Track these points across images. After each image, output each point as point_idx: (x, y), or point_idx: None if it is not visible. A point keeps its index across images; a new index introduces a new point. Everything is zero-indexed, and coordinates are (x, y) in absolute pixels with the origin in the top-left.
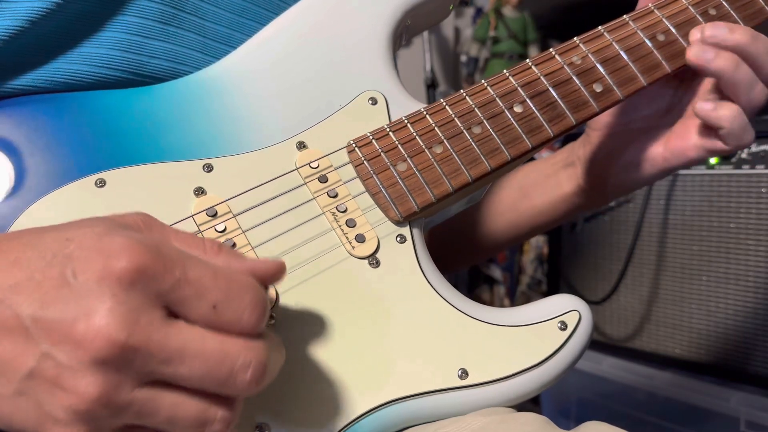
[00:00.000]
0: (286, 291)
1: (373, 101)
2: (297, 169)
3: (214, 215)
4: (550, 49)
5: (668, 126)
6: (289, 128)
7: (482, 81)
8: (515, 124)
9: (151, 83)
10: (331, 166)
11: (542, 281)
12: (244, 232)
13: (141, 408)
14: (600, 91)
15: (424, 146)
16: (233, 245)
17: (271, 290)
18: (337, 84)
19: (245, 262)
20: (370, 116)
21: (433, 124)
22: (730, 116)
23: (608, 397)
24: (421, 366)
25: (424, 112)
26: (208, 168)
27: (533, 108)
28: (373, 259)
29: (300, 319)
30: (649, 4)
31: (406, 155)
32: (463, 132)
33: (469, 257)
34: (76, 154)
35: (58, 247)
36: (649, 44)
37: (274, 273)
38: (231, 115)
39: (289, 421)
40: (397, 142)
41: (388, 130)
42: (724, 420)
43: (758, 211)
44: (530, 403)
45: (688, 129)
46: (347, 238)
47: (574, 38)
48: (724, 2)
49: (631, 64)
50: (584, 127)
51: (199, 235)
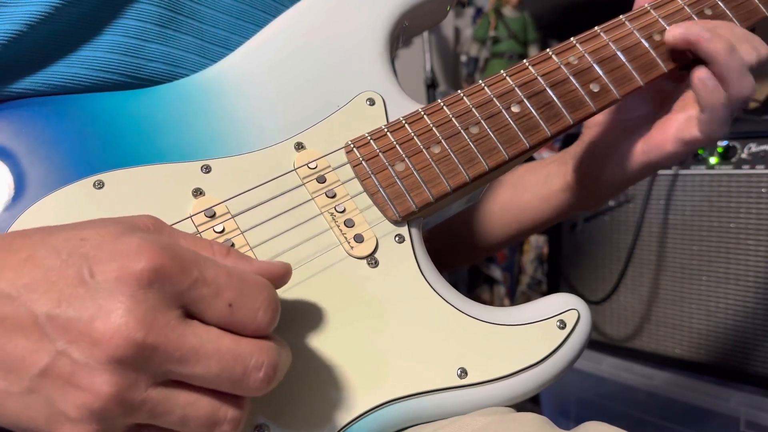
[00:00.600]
0: (285, 291)
1: (371, 102)
2: (295, 170)
3: (213, 216)
4: (547, 50)
5: (655, 120)
6: (287, 129)
7: (479, 81)
8: (513, 124)
9: (148, 86)
10: (329, 167)
11: (542, 281)
12: (243, 233)
13: (154, 407)
14: (597, 91)
15: (422, 146)
16: (232, 245)
17: None
18: (335, 85)
19: (253, 265)
20: (368, 117)
21: (431, 125)
22: (719, 104)
23: (608, 397)
24: (420, 365)
25: (422, 113)
26: (207, 169)
27: (530, 108)
28: (372, 259)
29: (299, 319)
30: (645, 5)
31: (404, 155)
32: (460, 132)
33: (466, 257)
34: (74, 157)
35: (73, 246)
36: (646, 44)
37: (281, 275)
38: (229, 116)
39: (289, 421)
40: (395, 143)
41: (386, 130)
42: (724, 420)
43: (758, 211)
44: (530, 403)
45: (668, 123)
46: (346, 238)
47: (571, 38)
48: (719, 2)
49: (627, 64)
50: (581, 127)
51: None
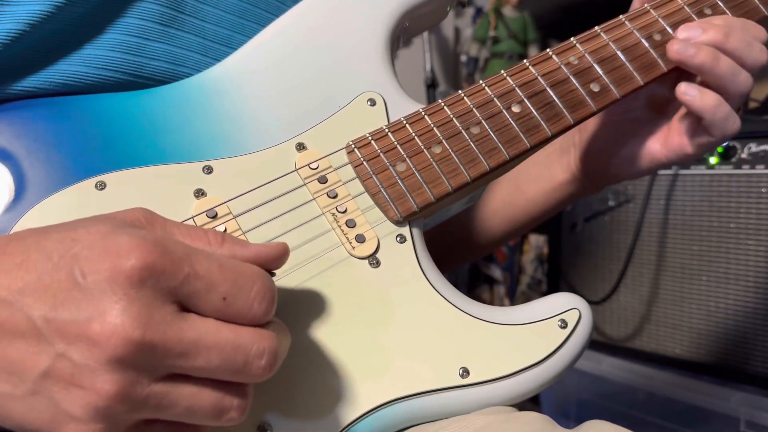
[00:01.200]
0: (286, 291)
1: (372, 102)
2: (296, 170)
3: (215, 217)
4: (547, 50)
5: (667, 118)
6: (289, 129)
7: (480, 81)
8: (513, 124)
9: (151, 85)
10: (331, 167)
11: (542, 281)
12: (245, 233)
13: (159, 402)
14: (597, 90)
15: (423, 146)
16: (224, 231)
17: None
18: (335, 85)
19: (249, 249)
20: (369, 117)
21: (432, 125)
22: (712, 106)
23: (608, 397)
24: (422, 365)
25: (423, 113)
26: (208, 170)
27: (531, 108)
28: (374, 259)
29: (300, 319)
30: (645, 4)
31: (405, 155)
32: (461, 132)
33: (467, 254)
34: (75, 158)
35: (64, 248)
36: (646, 44)
37: (278, 256)
38: (230, 116)
39: (291, 421)
40: (396, 143)
41: (387, 130)
42: (724, 420)
43: (758, 211)
44: (530, 403)
45: (682, 126)
46: (347, 239)
47: (571, 38)
48: (719, 2)
49: (627, 63)
50: None
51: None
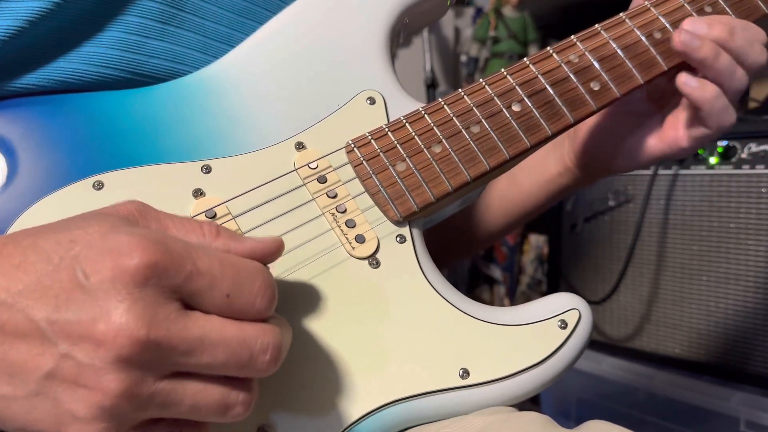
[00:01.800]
0: (286, 292)
1: (372, 101)
2: (296, 170)
3: (213, 217)
4: (548, 48)
5: (663, 112)
6: (288, 129)
7: (480, 80)
8: (513, 123)
9: (150, 83)
10: (330, 167)
11: (542, 281)
12: (244, 234)
13: (164, 399)
14: (597, 89)
15: (422, 146)
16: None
17: None
18: (335, 84)
19: (245, 244)
20: (369, 116)
21: (432, 124)
22: (712, 97)
23: (608, 397)
24: (422, 366)
25: (423, 112)
26: (207, 169)
27: (531, 106)
28: (373, 260)
29: (300, 320)
30: (645, 2)
31: (405, 155)
32: (461, 131)
33: (464, 249)
34: (73, 157)
35: (64, 250)
36: (646, 42)
37: (274, 251)
38: (229, 115)
39: (292, 423)
40: (395, 142)
41: (387, 130)
42: (724, 420)
43: (758, 211)
44: (530, 403)
45: (678, 120)
46: (347, 239)
47: (571, 36)
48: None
49: (627, 61)
50: None
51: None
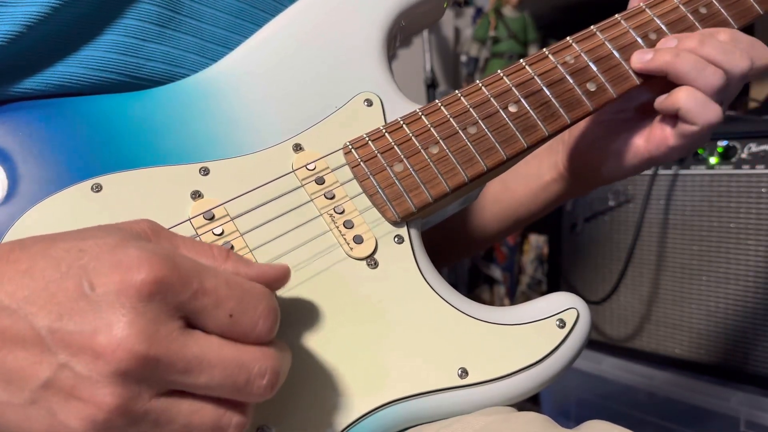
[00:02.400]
0: (285, 293)
1: (369, 103)
2: (294, 171)
3: (212, 218)
4: (544, 49)
5: (652, 116)
6: (286, 130)
7: (477, 81)
8: (510, 124)
9: (148, 86)
10: (328, 168)
11: (542, 281)
12: (242, 235)
13: (158, 417)
14: (594, 90)
15: (420, 147)
16: (231, 248)
17: None
18: (332, 86)
19: (253, 268)
20: (366, 118)
21: (429, 125)
22: (684, 96)
23: (608, 397)
24: (420, 366)
25: (420, 113)
26: (205, 171)
27: (528, 107)
28: (371, 260)
29: (299, 321)
30: (641, 4)
31: (402, 156)
32: (458, 132)
33: (462, 251)
34: (71, 160)
35: (72, 258)
36: (642, 43)
37: (280, 278)
38: (227, 117)
39: (291, 423)
40: (393, 143)
41: (384, 131)
42: (724, 420)
43: (758, 211)
44: (529, 403)
45: (665, 120)
46: (345, 240)
47: (567, 38)
48: (714, 1)
49: (623, 62)
50: None
51: (207, 242)
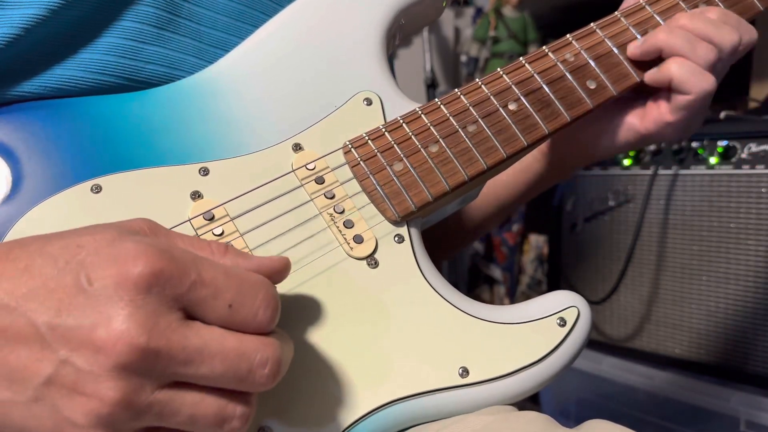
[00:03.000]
0: (286, 293)
1: (368, 102)
2: (293, 171)
3: (212, 219)
4: (543, 47)
5: (645, 95)
6: (285, 130)
7: (476, 80)
8: (510, 122)
9: (146, 89)
10: (328, 168)
11: (542, 281)
12: (242, 235)
13: (162, 409)
14: (594, 87)
15: (419, 146)
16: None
17: None
18: (331, 85)
19: (252, 261)
20: (366, 117)
21: (429, 124)
22: (676, 66)
23: (608, 397)
24: (421, 365)
25: (419, 112)
26: (204, 171)
27: (528, 106)
28: (372, 260)
29: (300, 321)
30: (640, 0)
31: (402, 155)
32: (458, 131)
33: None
34: (71, 161)
35: (70, 254)
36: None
37: (280, 270)
38: (226, 117)
39: (292, 423)
40: (392, 142)
41: (384, 130)
42: (724, 420)
43: (758, 211)
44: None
45: (659, 97)
46: (345, 239)
47: (567, 35)
48: None
49: (623, 60)
50: None
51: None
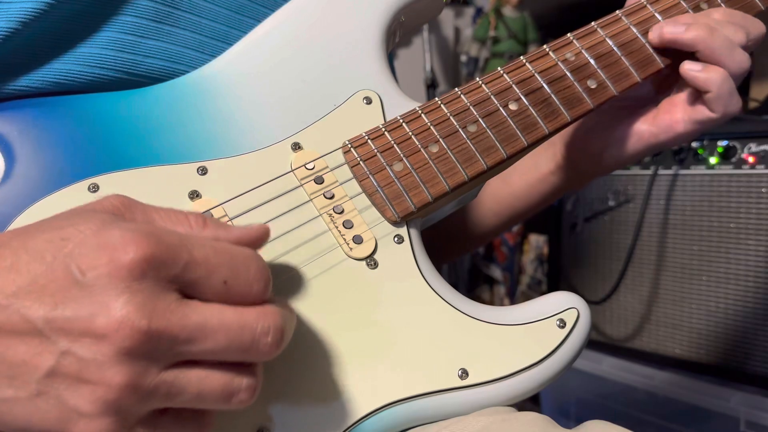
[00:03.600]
0: (286, 293)
1: (368, 100)
2: (292, 171)
3: None
4: (544, 46)
5: (655, 104)
6: (284, 129)
7: (477, 79)
8: (510, 122)
9: (146, 83)
10: (327, 167)
11: (542, 281)
12: None
13: (169, 389)
14: (594, 87)
15: (419, 145)
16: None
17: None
18: (331, 84)
19: (232, 232)
20: (365, 116)
21: (429, 123)
22: (719, 78)
23: (608, 397)
24: (421, 366)
25: (419, 111)
26: (203, 171)
27: (528, 105)
28: (371, 260)
29: (299, 321)
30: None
31: (402, 155)
32: (458, 131)
33: (461, 248)
34: (68, 160)
35: (56, 248)
36: (642, 40)
37: (260, 237)
38: (225, 116)
39: (291, 424)
40: (392, 142)
41: (384, 129)
42: (724, 420)
43: (758, 211)
44: (530, 403)
45: (675, 104)
46: (345, 240)
47: (568, 34)
48: None
49: (624, 59)
50: None
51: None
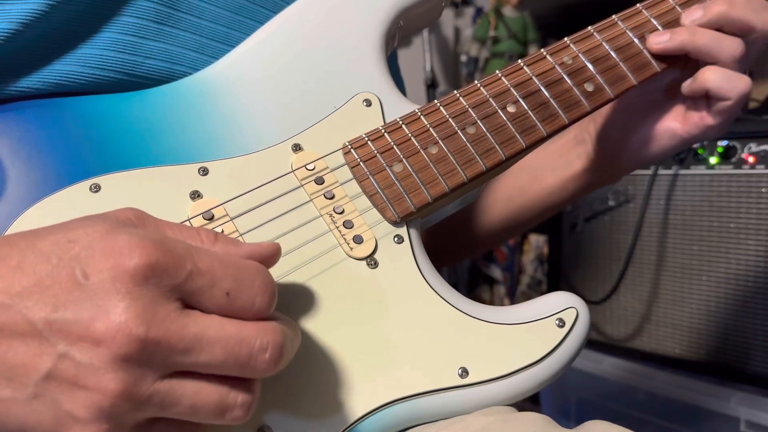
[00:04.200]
0: (285, 293)
1: (368, 102)
2: (293, 171)
3: (211, 218)
4: (541, 50)
5: (683, 99)
6: (284, 130)
7: (475, 81)
8: (509, 124)
9: (146, 84)
10: (327, 168)
11: (542, 281)
12: (242, 235)
13: (163, 399)
14: (591, 90)
15: (419, 147)
16: (221, 232)
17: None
18: (331, 86)
19: (243, 248)
20: (365, 118)
21: (428, 125)
22: (710, 75)
23: (608, 397)
24: (421, 366)
25: (419, 113)
26: (204, 171)
27: (526, 108)
28: (371, 260)
29: (299, 321)
30: (638, 5)
31: (401, 156)
32: (457, 132)
33: (471, 249)
34: (69, 160)
35: (62, 250)
36: (638, 43)
37: (271, 255)
38: (225, 117)
39: (291, 423)
40: (392, 143)
41: (383, 131)
42: (724, 420)
43: (758, 211)
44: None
45: (699, 101)
46: (345, 240)
47: (565, 38)
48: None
49: (620, 63)
50: None
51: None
